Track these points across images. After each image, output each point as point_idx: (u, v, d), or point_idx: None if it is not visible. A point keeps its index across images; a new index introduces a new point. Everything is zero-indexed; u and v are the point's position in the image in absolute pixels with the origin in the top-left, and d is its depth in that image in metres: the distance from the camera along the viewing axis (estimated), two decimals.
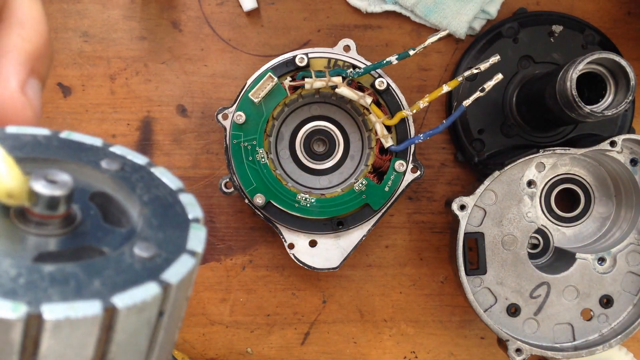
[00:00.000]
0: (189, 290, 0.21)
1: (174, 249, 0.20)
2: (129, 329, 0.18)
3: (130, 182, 0.23)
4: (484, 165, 0.62)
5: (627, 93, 0.52)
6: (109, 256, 0.19)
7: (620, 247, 0.60)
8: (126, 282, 0.18)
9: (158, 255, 0.20)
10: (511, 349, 0.56)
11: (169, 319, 0.20)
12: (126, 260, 0.19)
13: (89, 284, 0.18)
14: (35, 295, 0.17)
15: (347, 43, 0.57)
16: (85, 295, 0.17)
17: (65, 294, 0.17)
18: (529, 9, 0.64)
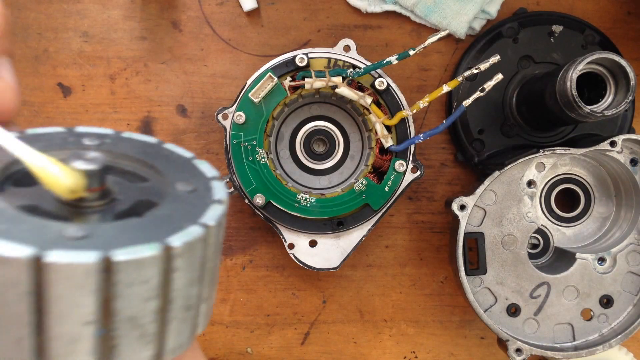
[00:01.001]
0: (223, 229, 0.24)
1: (205, 192, 0.23)
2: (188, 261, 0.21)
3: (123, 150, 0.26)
4: (484, 165, 0.62)
5: (627, 93, 0.52)
6: (160, 204, 0.22)
7: (620, 247, 0.60)
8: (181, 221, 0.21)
9: (196, 188, 0.23)
10: (511, 349, 0.56)
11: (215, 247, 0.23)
12: (176, 198, 0.22)
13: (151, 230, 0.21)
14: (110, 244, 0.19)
15: (347, 43, 0.57)
16: (147, 239, 0.20)
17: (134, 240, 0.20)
18: (529, 9, 0.64)
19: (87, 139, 0.26)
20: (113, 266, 0.19)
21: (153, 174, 0.25)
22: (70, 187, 0.21)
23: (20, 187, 0.23)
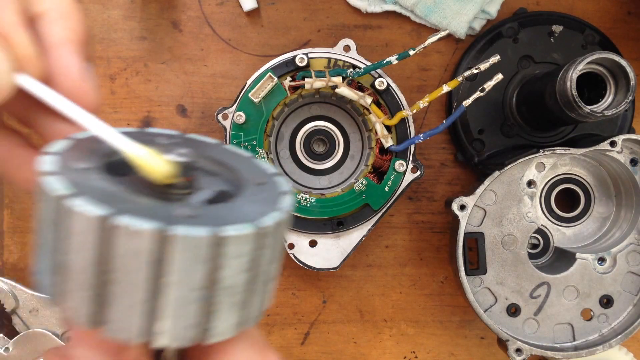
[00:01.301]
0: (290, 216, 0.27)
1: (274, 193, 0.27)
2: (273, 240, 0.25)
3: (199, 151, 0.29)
4: (484, 165, 0.62)
5: (627, 93, 0.52)
6: (239, 198, 0.26)
7: (620, 247, 0.60)
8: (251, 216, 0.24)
9: (265, 182, 0.27)
10: (511, 349, 0.56)
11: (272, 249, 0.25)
12: (250, 199, 0.26)
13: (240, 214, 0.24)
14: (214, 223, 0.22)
15: (347, 43, 0.57)
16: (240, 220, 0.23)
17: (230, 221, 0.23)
18: (529, 9, 0.64)
19: (159, 138, 0.29)
20: (222, 240, 0.22)
21: (224, 169, 0.28)
22: (166, 174, 0.25)
23: (118, 174, 0.26)
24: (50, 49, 0.27)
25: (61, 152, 0.25)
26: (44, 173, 0.23)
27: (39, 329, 0.60)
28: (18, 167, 0.29)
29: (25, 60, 0.25)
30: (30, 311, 0.60)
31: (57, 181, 0.22)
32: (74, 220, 0.21)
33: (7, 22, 0.25)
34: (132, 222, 0.21)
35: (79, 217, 0.21)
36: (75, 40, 0.27)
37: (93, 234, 0.21)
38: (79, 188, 0.22)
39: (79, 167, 0.24)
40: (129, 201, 0.23)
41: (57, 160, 0.24)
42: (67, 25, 0.27)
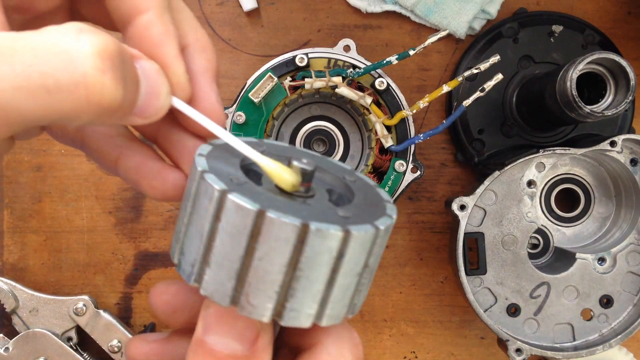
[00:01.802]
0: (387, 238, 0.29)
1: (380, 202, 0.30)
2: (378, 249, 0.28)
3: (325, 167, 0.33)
4: (484, 165, 0.62)
5: (627, 93, 0.52)
6: (348, 206, 0.29)
7: (620, 247, 0.60)
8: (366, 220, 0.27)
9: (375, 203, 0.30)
10: (511, 349, 0.56)
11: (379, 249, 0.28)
12: (361, 206, 0.29)
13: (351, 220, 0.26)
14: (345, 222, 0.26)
15: (347, 43, 0.57)
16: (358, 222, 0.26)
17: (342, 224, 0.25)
18: (529, 9, 0.64)
19: (303, 155, 0.32)
20: (307, 233, 0.24)
21: (344, 188, 0.32)
22: (294, 183, 0.28)
23: (256, 173, 0.30)
24: (195, 77, 0.31)
25: (208, 155, 0.28)
26: (204, 170, 0.26)
27: (39, 329, 0.60)
28: (150, 176, 0.32)
29: (179, 86, 0.30)
30: (30, 311, 0.60)
31: (217, 178, 0.26)
32: (235, 213, 0.25)
33: (170, 55, 0.29)
34: (281, 216, 0.24)
35: (240, 209, 0.24)
36: (212, 69, 0.32)
37: (248, 226, 0.24)
38: (230, 184, 0.25)
39: (226, 172, 0.27)
40: (273, 200, 0.26)
41: (209, 161, 0.27)
42: (207, 57, 0.32)
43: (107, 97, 0.24)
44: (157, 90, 0.28)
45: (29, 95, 0.22)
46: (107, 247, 0.64)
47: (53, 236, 0.64)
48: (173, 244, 0.29)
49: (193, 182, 0.27)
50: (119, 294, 0.65)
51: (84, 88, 0.23)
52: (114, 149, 0.32)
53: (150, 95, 0.27)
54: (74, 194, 0.64)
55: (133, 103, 0.27)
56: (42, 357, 0.59)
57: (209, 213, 0.25)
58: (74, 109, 0.23)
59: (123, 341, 0.60)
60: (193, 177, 0.27)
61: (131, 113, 0.27)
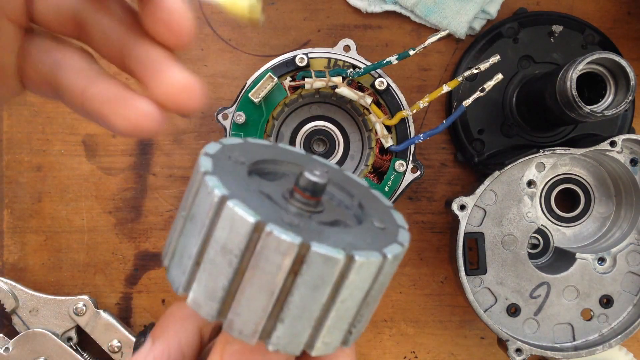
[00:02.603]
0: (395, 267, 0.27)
1: (393, 226, 0.28)
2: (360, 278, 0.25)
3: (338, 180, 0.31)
4: (484, 165, 0.62)
5: (627, 93, 0.52)
6: (357, 227, 0.27)
7: (620, 247, 0.60)
8: (374, 245, 0.26)
9: (387, 227, 0.28)
10: (511, 349, 0.56)
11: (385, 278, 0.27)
12: (371, 229, 0.27)
13: (358, 243, 0.25)
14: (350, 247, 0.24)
15: (347, 43, 0.57)
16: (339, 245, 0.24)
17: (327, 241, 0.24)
18: (529, 9, 0.64)
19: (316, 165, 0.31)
20: (307, 253, 0.23)
21: (356, 206, 0.30)
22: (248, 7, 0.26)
23: (264, 179, 0.29)
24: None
25: (214, 154, 0.27)
26: (206, 172, 0.25)
27: (39, 329, 0.60)
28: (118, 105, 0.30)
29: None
30: (30, 311, 0.60)
31: (216, 180, 0.25)
32: (230, 221, 0.24)
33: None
34: (239, 211, 0.23)
35: (235, 218, 0.23)
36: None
37: (244, 235, 0.24)
38: (232, 189, 0.25)
39: (235, 162, 0.27)
40: (254, 197, 0.25)
41: (213, 161, 0.26)
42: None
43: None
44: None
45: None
46: (107, 247, 0.64)
47: (53, 236, 0.64)
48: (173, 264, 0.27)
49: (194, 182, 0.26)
50: (119, 294, 0.65)
51: None
52: (82, 80, 0.31)
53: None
54: (74, 194, 0.64)
55: None
56: (42, 357, 0.59)
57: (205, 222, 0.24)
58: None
59: (123, 341, 0.60)
60: (194, 178, 0.26)
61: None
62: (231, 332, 0.25)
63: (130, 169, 0.64)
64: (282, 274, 0.23)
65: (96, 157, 0.64)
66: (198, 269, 0.25)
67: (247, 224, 0.23)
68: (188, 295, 0.25)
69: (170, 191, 0.64)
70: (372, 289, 0.25)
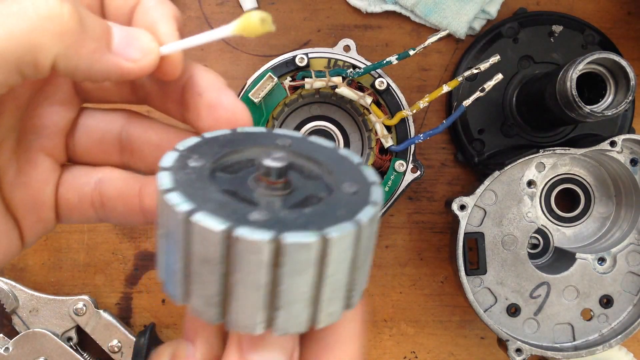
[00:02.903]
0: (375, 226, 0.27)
1: (365, 186, 0.28)
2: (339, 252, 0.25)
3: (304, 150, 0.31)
4: (484, 165, 0.62)
5: (627, 93, 0.52)
6: (329, 198, 0.27)
7: (620, 247, 0.60)
8: (347, 213, 0.25)
9: (359, 190, 0.27)
10: (511, 349, 0.56)
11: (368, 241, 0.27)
12: (344, 196, 0.27)
13: (332, 216, 0.25)
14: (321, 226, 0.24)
15: (347, 43, 0.57)
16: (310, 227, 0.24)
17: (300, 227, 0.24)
18: (529, 9, 0.64)
19: (280, 139, 0.31)
20: (281, 245, 0.23)
21: (326, 173, 0.30)
22: (262, 21, 0.27)
23: (228, 174, 0.29)
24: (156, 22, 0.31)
25: (171, 166, 0.27)
26: (165, 190, 0.25)
27: (39, 329, 0.60)
28: None
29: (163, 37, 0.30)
30: (30, 311, 0.60)
31: (178, 196, 0.25)
32: (200, 234, 0.24)
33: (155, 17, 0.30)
34: (208, 222, 0.24)
35: (204, 231, 0.24)
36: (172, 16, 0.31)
37: (217, 244, 0.24)
38: (196, 199, 0.25)
39: (194, 166, 0.27)
40: (217, 202, 0.25)
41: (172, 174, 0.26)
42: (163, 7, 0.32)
43: (56, 15, 0.25)
44: (136, 35, 0.28)
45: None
46: (107, 247, 0.64)
47: (53, 236, 0.64)
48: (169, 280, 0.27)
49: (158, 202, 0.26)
50: (119, 294, 0.65)
51: (32, 9, 0.25)
52: (134, 185, 0.32)
53: (128, 39, 0.28)
54: None
55: (102, 38, 0.27)
56: (42, 357, 0.59)
57: (176, 236, 0.25)
58: (31, 30, 0.25)
59: (123, 341, 0.60)
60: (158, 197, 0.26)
61: (109, 50, 0.27)
62: (237, 329, 0.25)
63: None
64: (263, 271, 0.24)
65: None
66: (188, 281, 0.25)
67: (215, 234, 0.24)
68: (188, 305, 0.26)
69: None
70: (357, 255, 0.26)
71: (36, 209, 0.32)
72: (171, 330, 0.65)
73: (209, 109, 0.31)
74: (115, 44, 0.28)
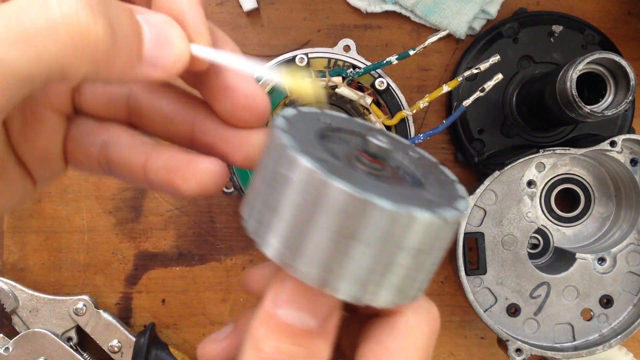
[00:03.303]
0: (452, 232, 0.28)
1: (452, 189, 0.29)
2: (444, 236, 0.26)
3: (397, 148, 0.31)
4: (484, 165, 0.62)
5: (627, 93, 0.52)
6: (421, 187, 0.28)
7: (620, 247, 0.60)
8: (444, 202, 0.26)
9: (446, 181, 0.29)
10: (511, 349, 0.56)
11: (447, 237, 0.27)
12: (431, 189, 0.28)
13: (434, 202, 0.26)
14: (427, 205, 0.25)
15: (347, 43, 0.57)
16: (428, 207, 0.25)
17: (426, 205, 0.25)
18: (529, 9, 0.64)
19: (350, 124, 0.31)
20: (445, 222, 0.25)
21: (410, 165, 0.31)
22: (315, 96, 0.27)
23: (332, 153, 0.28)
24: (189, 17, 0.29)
25: (290, 118, 0.27)
26: (282, 129, 0.25)
27: (39, 329, 0.60)
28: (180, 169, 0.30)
29: (198, 34, 0.28)
30: (30, 311, 0.60)
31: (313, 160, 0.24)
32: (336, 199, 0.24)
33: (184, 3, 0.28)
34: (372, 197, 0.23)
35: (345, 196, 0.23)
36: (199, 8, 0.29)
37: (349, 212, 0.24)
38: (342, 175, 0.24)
39: (305, 135, 0.27)
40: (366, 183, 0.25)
41: (289, 123, 0.26)
42: None
43: (89, 34, 0.23)
44: (168, 36, 0.26)
45: (12, 45, 0.22)
46: (107, 247, 0.64)
47: (53, 236, 0.64)
48: (250, 215, 0.27)
49: (276, 160, 0.25)
50: (119, 294, 0.65)
51: (63, 28, 0.23)
52: (139, 155, 0.31)
53: (160, 42, 0.26)
54: (74, 194, 0.64)
55: (133, 48, 0.25)
56: (42, 357, 0.59)
57: (306, 198, 0.24)
58: (60, 52, 0.23)
59: (123, 341, 0.60)
60: (274, 153, 0.26)
61: (140, 61, 0.26)
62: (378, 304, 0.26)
63: None
64: (379, 240, 0.24)
65: None
66: (339, 255, 0.25)
67: (355, 199, 0.23)
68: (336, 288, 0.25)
69: None
70: (448, 242, 0.27)
71: (45, 161, 0.31)
72: (171, 330, 0.65)
73: (226, 91, 0.29)
74: (146, 51, 0.26)
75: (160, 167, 0.31)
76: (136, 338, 0.60)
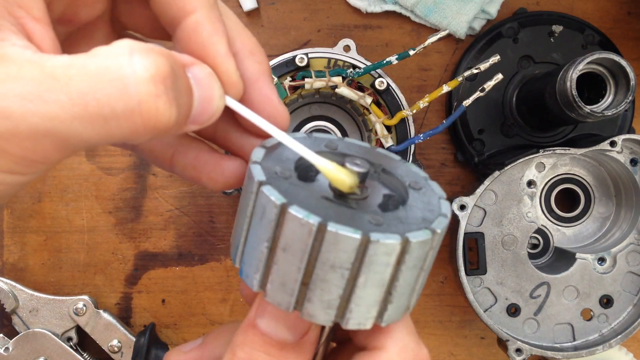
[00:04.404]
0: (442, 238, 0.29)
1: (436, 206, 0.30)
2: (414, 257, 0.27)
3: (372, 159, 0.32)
4: (484, 165, 0.62)
5: (627, 93, 0.52)
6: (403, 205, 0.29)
7: (620, 247, 0.60)
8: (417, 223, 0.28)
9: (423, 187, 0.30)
10: (511, 349, 0.56)
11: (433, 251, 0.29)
12: (414, 206, 0.29)
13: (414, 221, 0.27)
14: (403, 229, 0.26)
15: (347, 43, 0.57)
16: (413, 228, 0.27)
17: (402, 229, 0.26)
18: (529, 9, 0.64)
19: (327, 143, 0.32)
20: (407, 244, 0.26)
21: (385, 175, 0.31)
22: (351, 185, 0.28)
23: (304, 181, 0.29)
24: (250, 81, 0.31)
25: (262, 160, 0.28)
26: (260, 182, 0.26)
27: (39, 329, 0.60)
28: (208, 169, 0.32)
29: (231, 84, 0.29)
30: (30, 311, 0.60)
31: (273, 190, 0.26)
32: (294, 226, 0.25)
33: (220, 53, 0.29)
34: (341, 229, 0.25)
35: (298, 223, 0.25)
36: (266, 71, 0.32)
37: (307, 238, 0.25)
38: (289, 197, 0.26)
39: (280, 173, 0.28)
40: (327, 208, 0.27)
41: (263, 169, 0.27)
42: (258, 60, 0.32)
43: (162, 120, 0.24)
44: (210, 95, 0.28)
45: (87, 123, 0.23)
46: (107, 247, 0.64)
47: (53, 236, 0.64)
48: (233, 249, 0.29)
49: (250, 193, 0.27)
50: (119, 294, 0.65)
51: (139, 114, 0.23)
52: (167, 148, 0.33)
53: (204, 101, 0.27)
54: (74, 194, 0.64)
55: (187, 116, 0.27)
56: (42, 357, 0.59)
57: (270, 226, 0.26)
58: (131, 133, 0.24)
59: (123, 341, 0.60)
60: (250, 187, 0.27)
61: (186, 123, 0.27)
62: (347, 326, 0.27)
63: (130, 169, 0.64)
64: (389, 269, 0.26)
65: (96, 157, 0.64)
66: (307, 288, 0.26)
67: (353, 240, 0.25)
68: (301, 311, 0.27)
69: (170, 191, 0.64)
70: (426, 261, 0.28)
71: None
72: (171, 330, 0.65)
73: (250, 105, 0.31)
74: (193, 113, 0.27)
75: (187, 164, 0.33)
76: (136, 338, 0.60)
